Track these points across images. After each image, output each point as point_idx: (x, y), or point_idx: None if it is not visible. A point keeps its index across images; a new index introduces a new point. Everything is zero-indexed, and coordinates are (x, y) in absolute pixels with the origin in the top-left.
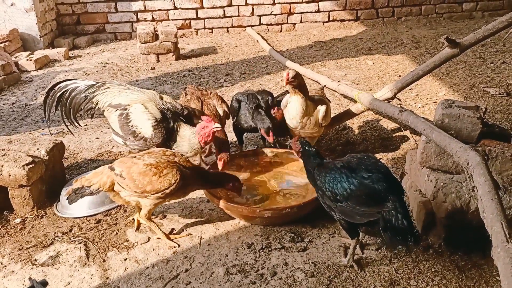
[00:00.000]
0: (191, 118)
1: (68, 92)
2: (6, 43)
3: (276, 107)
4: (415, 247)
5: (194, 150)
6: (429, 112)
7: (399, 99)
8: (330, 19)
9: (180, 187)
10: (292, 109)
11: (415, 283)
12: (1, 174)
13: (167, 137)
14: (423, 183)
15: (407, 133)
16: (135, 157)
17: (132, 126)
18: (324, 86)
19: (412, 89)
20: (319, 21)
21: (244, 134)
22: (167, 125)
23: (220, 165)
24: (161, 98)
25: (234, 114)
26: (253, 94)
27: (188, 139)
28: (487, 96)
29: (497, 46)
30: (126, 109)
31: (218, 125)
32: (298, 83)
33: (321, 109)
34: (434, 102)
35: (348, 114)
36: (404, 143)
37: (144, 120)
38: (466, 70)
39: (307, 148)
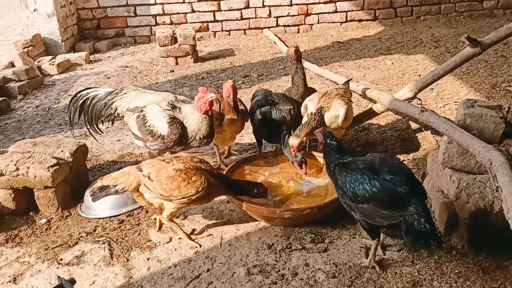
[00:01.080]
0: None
1: (89, 100)
2: (30, 48)
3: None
4: (438, 250)
5: (202, 123)
6: (450, 112)
7: (420, 99)
8: (348, 19)
9: (206, 195)
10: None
11: (438, 285)
12: (27, 176)
13: (183, 133)
14: (445, 183)
15: (428, 133)
16: (164, 160)
17: (149, 126)
18: (350, 80)
19: (432, 88)
20: (337, 22)
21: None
22: (182, 121)
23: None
24: (176, 98)
25: (257, 125)
26: (277, 107)
27: (191, 113)
28: (509, 95)
29: None
30: (142, 110)
31: (213, 94)
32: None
33: (340, 113)
34: (455, 102)
35: (368, 115)
36: (425, 144)
37: (159, 118)
38: (488, 69)
39: (328, 140)
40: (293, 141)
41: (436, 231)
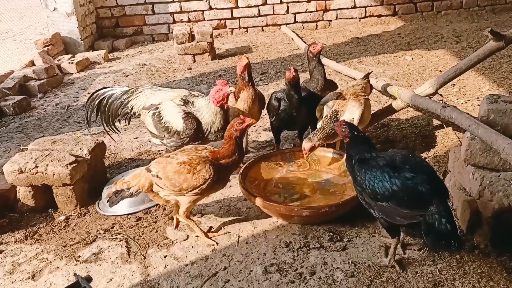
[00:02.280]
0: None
1: (105, 99)
2: (49, 47)
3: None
4: (459, 251)
5: (217, 116)
6: (472, 108)
7: (441, 95)
8: (367, 15)
9: (216, 180)
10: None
11: (460, 285)
12: (46, 173)
13: (198, 128)
14: (467, 181)
15: (449, 130)
16: (169, 156)
17: (164, 122)
18: (370, 73)
19: (454, 84)
20: (356, 17)
21: (281, 133)
22: (195, 115)
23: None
24: (190, 93)
25: (273, 113)
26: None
27: (206, 106)
28: None
29: None
30: (157, 108)
31: (232, 88)
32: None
33: (355, 116)
34: (478, 98)
35: (388, 111)
36: (446, 141)
37: (174, 114)
38: (511, 64)
39: (356, 133)
40: (306, 144)
41: (457, 231)
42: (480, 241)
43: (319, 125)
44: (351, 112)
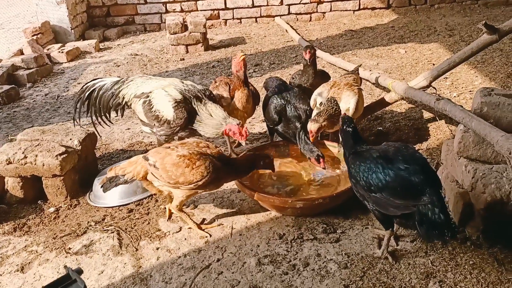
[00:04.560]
0: (213, 98)
1: (96, 91)
2: (39, 36)
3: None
4: (452, 241)
5: (219, 128)
6: (465, 101)
7: (435, 88)
8: (361, 7)
9: (213, 180)
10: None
11: (452, 276)
12: (35, 164)
13: (190, 117)
14: (460, 173)
15: (442, 123)
16: (169, 147)
17: (155, 111)
18: (359, 66)
19: (446, 77)
20: (349, 10)
21: None
22: (188, 105)
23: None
24: (182, 82)
25: (270, 122)
26: (293, 105)
27: (212, 127)
28: None
29: None
30: (148, 96)
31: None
32: (326, 129)
33: (351, 105)
34: (470, 91)
35: (381, 104)
36: (439, 133)
37: (165, 102)
38: (503, 58)
39: (345, 127)
40: (312, 126)
41: (450, 221)
42: (472, 232)
43: (314, 112)
44: (346, 102)
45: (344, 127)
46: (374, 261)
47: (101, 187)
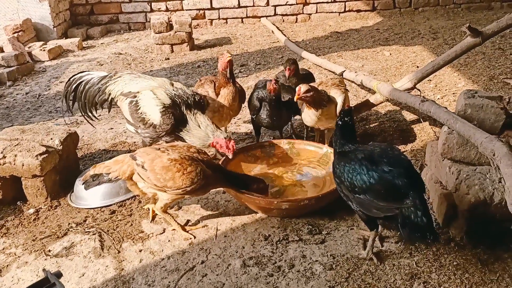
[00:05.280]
0: (202, 104)
1: (82, 85)
2: (20, 33)
3: (272, 81)
4: (434, 244)
5: (207, 140)
6: (448, 103)
7: (419, 90)
8: (346, 9)
9: (202, 186)
10: (306, 115)
11: (437, 277)
12: (14, 164)
13: (177, 124)
14: (444, 175)
15: (426, 124)
16: (159, 149)
17: (141, 113)
18: (344, 71)
19: (430, 80)
20: (335, 12)
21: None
22: (176, 111)
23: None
24: (172, 85)
25: (254, 112)
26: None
27: (200, 139)
28: (507, 87)
29: None
30: (135, 96)
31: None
32: (311, 99)
33: (338, 102)
34: (453, 94)
35: (367, 105)
36: (423, 135)
37: (152, 106)
38: (485, 61)
39: (339, 122)
40: (303, 86)
41: (433, 224)
42: (456, 233)
43: (303, 115)
44: (335, 98)
45: (338, 122)
46: (359, 262)
47: (82, 184)
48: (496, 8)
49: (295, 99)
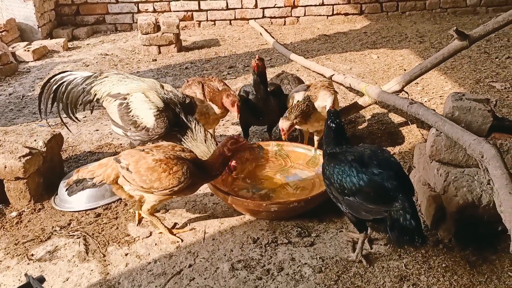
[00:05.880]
0: (192, 107)
1: (64, 86)
2: (3, 33)
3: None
4: (423, 247)
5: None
6: (435, 106)
7: (407, 92)
8: (334, 12)
9: (189, 185)
10: None
11: (426, 279)
12: None
13: (170, 127)
14: (432, 177)
15: (414, 127)
16: (143, 150)
17: (133, 116)
18: (333, 75)
19: (417, 83)
20: (323, 15)
21: (250, 128)
22: (170, 115)
23: (235, 110)
24: (162, 87)
25: (241, 100)
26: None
27: (204, 145)
28: (493, 91)
29: (501, 41)
30: (126, 98)
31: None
32: (298, 125)
33: (328, 103)
34: (440, 96)
35: (355, 107)
36: (411, 137)
37: (145, 109)
38: (471, 64)
39: (329, 122)
40: (283, 123)
41: (421, 227)
42: (444, 235)
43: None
44: (323, 99)
45: (328, 121)
46: (349, 265)
47: (66, 190)
48: (481, 13)
49: (283, 139)
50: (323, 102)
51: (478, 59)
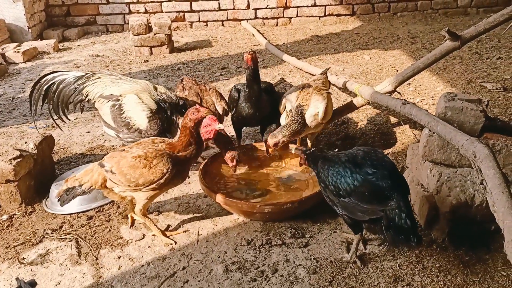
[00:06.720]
0: (186, 109)
1: (55, 85)
2: None
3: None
4: (418, 246)
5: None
6: (428, 106)
7: (399, 93)
8: (326, 13)
9: (175, 174)
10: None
11: (420, 279)
12: None
13: (163, 129)
14: (425, 177)
15: (406, 127)
16: (123, 150)
17: (125, 117)
18: (328, 69)
19: (409, 83)
20: (315, 16)
21: (243, 129)
22: (163, 117)
23: (232, 165)
24: (155, 89)
25: (233, 104)
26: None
27: None
28: (484, 91)
29: (492, 42)
30: (118, 100)
31: (221, 126)
32: (287, 142)
33: (320, 110)
34: (432, 97)
35: (348, 108)
36: (403, 138)
37: (138, 111)
38: (463, 65)
39: (307, 154)
40: (270, 140)
41: (416, 227)
42: (438, 235)
43: (282, 118)
44: (315, 106)
45: (307, 155)
46: (343, 266)
47: (58, 201)
48: (472, 14)
49: (267, 155)
50: (315, 109)
51: (470, 59)
